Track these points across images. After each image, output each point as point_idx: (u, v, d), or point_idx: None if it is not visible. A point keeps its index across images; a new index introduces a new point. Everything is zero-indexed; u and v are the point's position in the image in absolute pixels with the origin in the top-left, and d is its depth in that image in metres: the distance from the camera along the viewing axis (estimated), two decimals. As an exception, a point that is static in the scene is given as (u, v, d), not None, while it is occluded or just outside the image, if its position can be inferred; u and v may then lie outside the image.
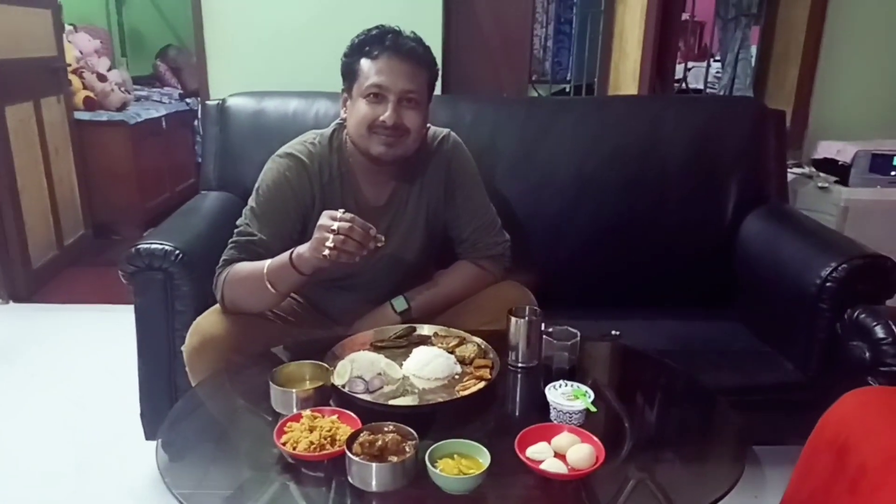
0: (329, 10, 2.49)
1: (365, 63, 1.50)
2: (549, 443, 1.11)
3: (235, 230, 1.57)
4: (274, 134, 1.91)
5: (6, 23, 3.13)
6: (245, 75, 2.52)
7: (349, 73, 1.54)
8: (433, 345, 1.44)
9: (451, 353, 1.40)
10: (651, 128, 2.21)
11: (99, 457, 2.07)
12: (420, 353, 1.38)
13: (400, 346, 1.46)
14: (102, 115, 4.07)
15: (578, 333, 1.29)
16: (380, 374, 1.32)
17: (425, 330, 1.52)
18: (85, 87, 4.13)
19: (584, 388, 1.22)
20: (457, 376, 1.35)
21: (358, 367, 1.32)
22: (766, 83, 2.92)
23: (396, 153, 1.53)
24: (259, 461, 1.14)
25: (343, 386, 1.27)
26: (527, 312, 1.41)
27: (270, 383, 1.23)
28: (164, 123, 4.53)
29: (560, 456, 1.09)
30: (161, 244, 1.73)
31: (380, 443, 1.04)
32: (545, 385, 1.24)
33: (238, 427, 1.30)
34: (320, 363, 1.31)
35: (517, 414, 1.38)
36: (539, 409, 1.23)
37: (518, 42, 2.68)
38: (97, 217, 4.04)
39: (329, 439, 1.10)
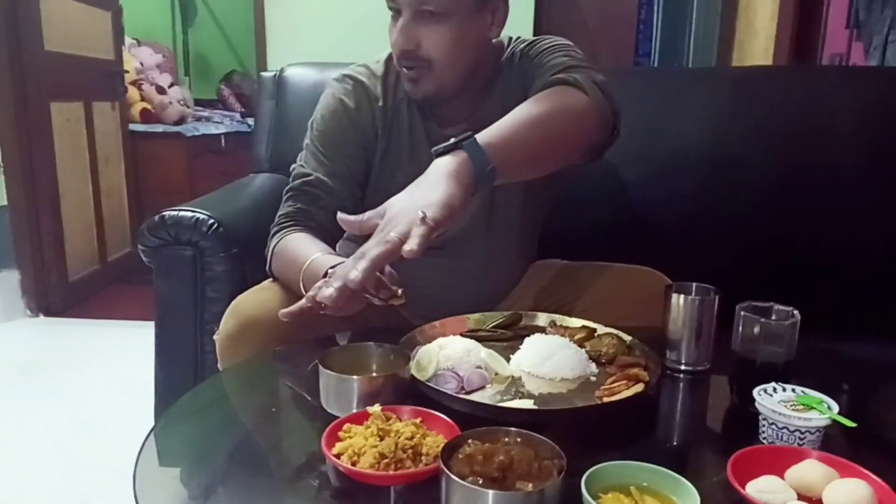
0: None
1: None
2: (783, 477, 0.65)
3: (291, 175, 1.22)
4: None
5: (60, 15, 2.93)
6: (304, 48, 2.21)
7: None
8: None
9: (581, 347, 0.96)
10: (807, 105, 1.72)
11: (103, 484, 1.68)
12: (537, 343, 0.94)
13: (503, 339, 1.02)
14: (158, 128, 3.85)
15: (797, 313, 0.83)
16: (479, 367, 0.89)
17: (538, 319, 1.08)
18: (143, 99, 3.94)
19: (816, 394, 0.76)
20: (593, 378, 0.90)
21: (448, 356, 0.89)
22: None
23: (425, 90, 1.12)
24: (296, 483, 0.72)
25: (428, 381, 0.84)
26: (695, 289, 0.96)
27: (321, 368, 0.81)
28: (223, 142, 4.29)
29: (806, 498, 0.63)
30: (192, 211, 1.37)
31: (501, 457, 0.61)
32: (738, 389, 0.79)
33: (269, 429, 0.87)
34: (395, 346, 0.89)
35: (703, 434, 0.89)
36: (738, 428, 0.77)
37: (620, 19, 2.29)
38: (146, 235, 3.77)
39: (410, 451, 0.67)
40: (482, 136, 0.91)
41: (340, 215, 0.89)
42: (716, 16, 2.48)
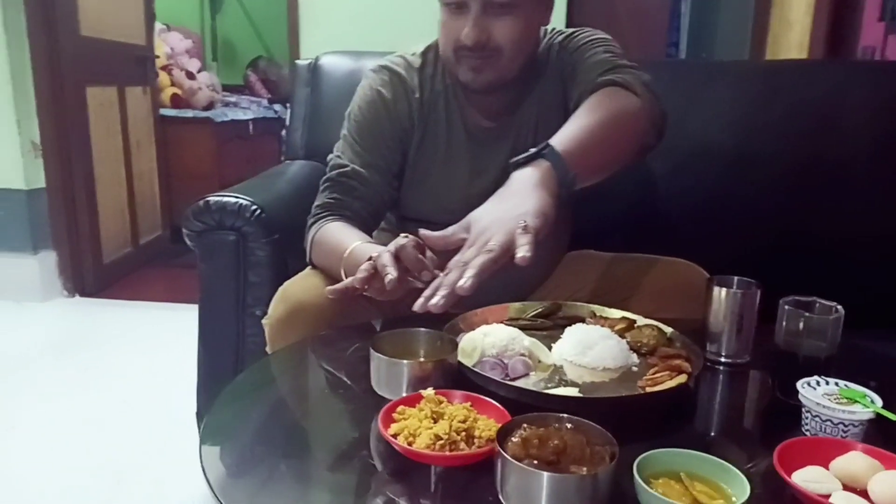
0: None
1: None
2: (828, 468, 0.67)
3: (328, 165, 1.23)
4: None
5: (94, 1, 2.97)
6: (338, 37, 2.23)
7: None
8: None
9: (621, 338, 0.98)
10: (833, 100, 1.73)
11: (143, 461, 1.73)
12: (579, 333, 0.96)
13: (543, 328, 1.04)
14: (188, 112, 3.90)
15: (840, 308, 0.84)
16: (523, 354, 0.91)
17: (577, 309, 1.10)
18: (173, 84, 3.99)
19: (858, 387, 0.77)
20: (635, 368, 0.92)
21: (493, 343, 0.92)
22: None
23: (488, 79, 1.14)
24: (349, 463, 0.75)
25: (474, 366, 0.86)
26: (736, 282, 0.98)
27: (372, 352, 0.83)
28: (250, 128, 4.34)
29: (850, 489, 0.65)
30: (236, 197, 1.40)
31: (556, 441, 0.63)
32: (780, 382, 0.80)
33: (321, 411, 0.90)
34: (442, 332, 0.91)
35: (746, 425, 0.90)
36: (781, 421, 0.78)
37: (651, 11, 2.28)
38: (176, 219, 3.82)
39: (464, 434, 0.70)
40: (558, 145, 0.94)
41: (423, 232, 0.91)
42: (749, 8, 2.46)
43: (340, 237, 1.12)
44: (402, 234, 0.93)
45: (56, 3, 2.75)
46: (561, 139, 0.96)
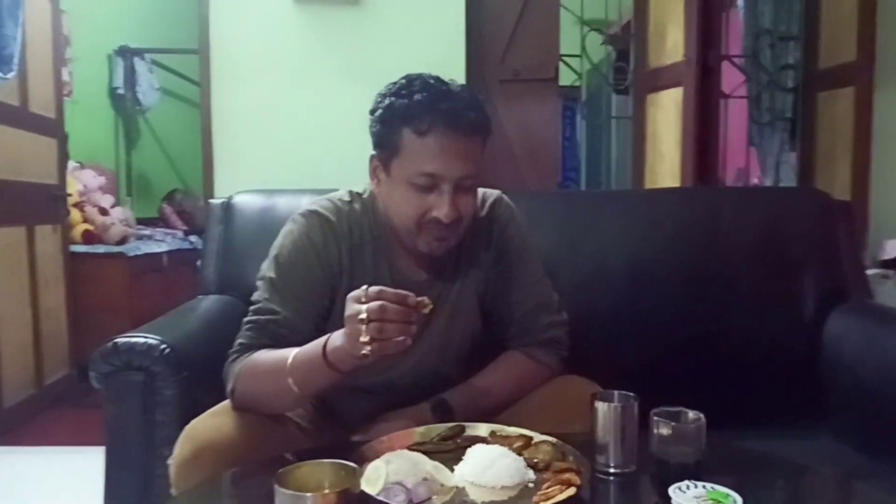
0: (338, 103, 2.39)
1: (410, 138, 1.17)
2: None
3: (251, 307, 1.27)
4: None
5: (7, 144, 3.01)
6: (252, 175, 2.34)
7: (386, 143, 1.22)
8: (492, 446, 1.07)
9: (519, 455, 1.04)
10: (708, 221, 1.95)
11: None
12: (478, 453, 1.02)
13: (447, 450, 1.10)
14: (100, 248, 3.87)
15: (702, 416, 0.94)
16: (426, 479, 0.96)
17: (479, 430, 1.16)
18: (85, 221, 3.97)
19: (723, 489, 0.86)
20: (531, 484, 0.98)
21: (396, 470, 0.96)
22: (814, 185, 2.73)
23: (450, 245, 1.26)
24: None
25: (378, 494, 0.90)
26: (616, 397, 1.07)
27: (276, 487, 0.86)
28: (164, 260, 4.32)
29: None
30: (144, 337, 1.42)
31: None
32: (657, 487, 0.88)
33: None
34: (345, 462, 0.95)
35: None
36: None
37: (545, 146, 2.53)
38: (84, 357, 3.68)
39: (364, 563, 0.73)
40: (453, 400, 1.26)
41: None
42: (628, 142, 2.76)
43: (276, 354, 1.15)
44: (364, 286, 1.02)
45: (-35, 148, 2.76)
46: (462, 397, 1.27)
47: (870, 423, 1.61)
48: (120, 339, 1.42)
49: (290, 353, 1.12)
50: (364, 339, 0.98)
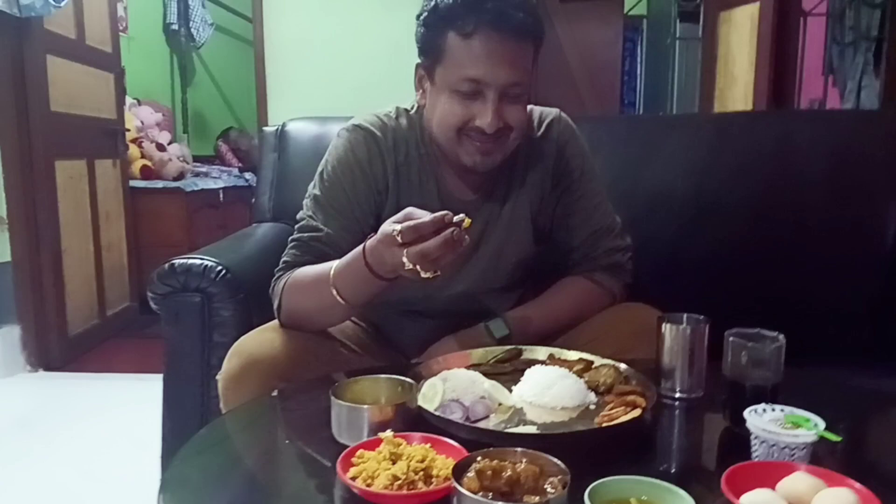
0: (387, 29, 2.32)
1: (454, 41, 1.11)
2: (774, 489, 0.69)
3: (296, 225, 1.24)
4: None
5: (65, 78, 3.04)
6: (304, 105, 2.31)
7: (430, 49, 1.16)
8: (551, 368, 1.03)
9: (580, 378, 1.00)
10: (780, 146, 1.82)
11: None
12: (538, 374, 0.98)
13: (505, 372, 1.06)
14: (158, 184, 3.92)
15: (782, 337, 0.87)
16: (483, 397, 0.93)
17: (538, 353, 1.12)
18: (143, 157, 4.02)
19: (803, 412, 0.80)
20: (592, 406, 0.94)
21: (453, 387, 0.93)
22: (899, 113, 2.54)
23: (495, 161, 1.18)
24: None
25: (435, 410, 0.88)
26: (685, 319, 1.01)
27: (333, 399, 0.85)
28: (221, 196, 4.37)
29: (797, 509, 0.67)
30: (201, 259, 1.42)
31: (509, 473, 0.64)
32: (729, 412, 0.83)
33: (282, 462, 0.90)
34: (402, 378, 0.93)
35: (698, 454, 0.93)
36: (731, 448, 0.81)
37: (605, 70, 2.41)
38: (145, 290, 3.78)
39: (422, 473, 0.71)
40: (516, 327, 1.23)
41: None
42: (696, 65, 2.60)
43: (319, 268, 1.13)
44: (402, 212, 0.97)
45: (26, 79, 2.80)
46: (521, 319, 1.23)
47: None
48: (177, 261, 1.42)
49: (333, 264, 1.09)
50: (406, 269, 0.94)
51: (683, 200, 1.78)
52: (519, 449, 0.70)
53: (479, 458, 0.67)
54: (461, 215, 0.93)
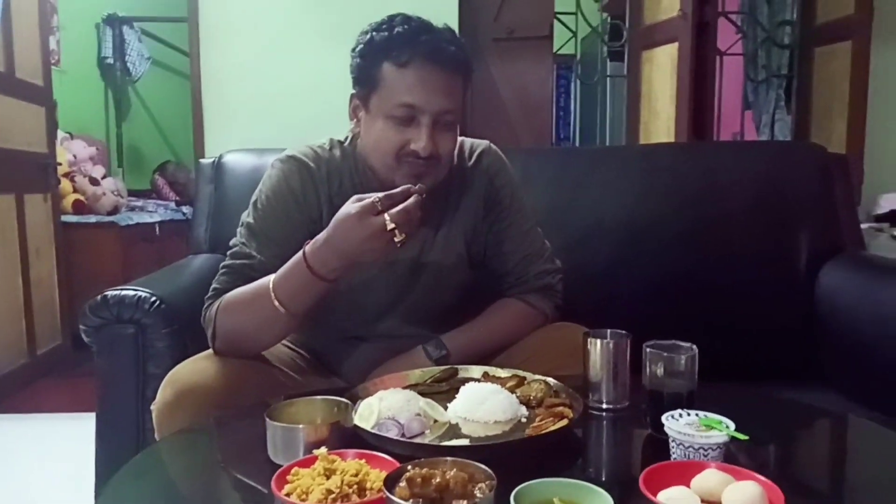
0: (326, 63, 2.36)
1: (390, 70, 1.16)
2: (689, 486, 0.74)
3: (228, 252, 1.25)
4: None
5: (-5, 110, 2.97)
6: (241, 137, 2.32)
7: (366, 78, 1.21)
8: (485, 386, 1.07)
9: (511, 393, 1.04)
10: (704, 175, 1.94)
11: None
12: (472, 390, 1.02)
13: (441, 392, 1.09)
14: (91, 218, 3.84)
15: (694, 347, 0.93)
16: (418, 414, 0.95)
17: (472, 372, 1.15)
18: (76, 191, 3.93)
19: (715, 416, 0.86)
20: (524, 419, 0.98)
21: (389, 406, 0.96)
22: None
23: (427, 184, 1.21)
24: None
25: (371, 429, 0.90)
26: (609, 334, 1.06)
27: (268, 420, 0.86)
28: (157, 230, 4.30)
29: (708, 503, 0.71)
30: (135, 290, 1.41)
31: (438, 479, 0.67)
32: (650, 419, 0.88)
33: (217, 485, 0.90)
34: (337, 398, 0.95)
35: (621, 459, 0.98)
36: (653, 452, 0.85)
37: (538, 106, 2.51)
38: (77, 327, 3.65)
39: (356, 487, 0.72)
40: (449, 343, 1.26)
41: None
42: (623, 101, 2.73)
43: (254, 285, 1.15)
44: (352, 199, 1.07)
45: (-49, 113, 2.72)
46: (458, 340, 1.27)
47: (865, 374, 1.62)
48: (110, 292, 1.41)
49: (270, 278, 1.12)
50: (390, 227, 1.03)
51: (614, 229, 1.85)
52: (449, 459, 0.72)
53: (409, 468, 0.70)
54: (419, 185, 1.08)
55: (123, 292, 1.40)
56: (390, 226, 1.02)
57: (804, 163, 1.97)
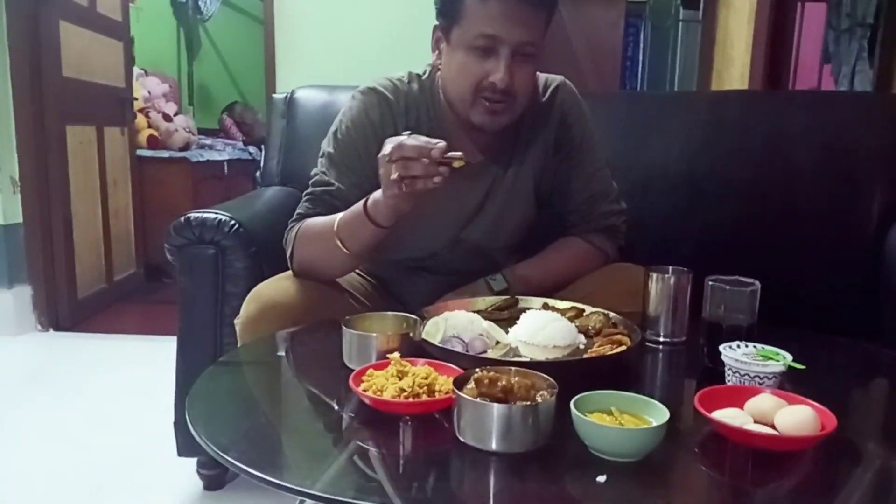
0: (397, 2, 2.38)
1: (472, 2, 1.18)
2: (742, 409, 0.77)
3: (310, 180, 1.32)
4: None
5: (76, 44, 3.09)
6: (312, 74, 2.37)
7: (448, 9, 1.22)
8: (545, 315, 1.11)
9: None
10: (773, 126, 1.90)
11: (121, 477, 1.76)
12: (532, 317, 1.06)
13: (501, 318, 1.14)
14: (164, 153, 3.99)
15: (757, 282, 0.95)
16: (481, 335, 1.01)
17: (532, 303, 1.20)
18: (150, 126, 4.08)
19: (773, 348, 0.88)
20: (582, 346, 1.02)
21: (454, 325, 1.01)
22: (891, 97, 2.60)
23: (503, 122, 1.25)
24: (324, 422, 0.83)
25: (438, 344, 0.95)
26: (671, 270, 1.09)
27: (344, 328, 0.93)
28: (225, 168, 4.44)
29: (761, 423, 0.75)
30: (215, 213, 1.50)
31: (503, 382, 0.72)
32: (707, 351, 0.91)
33: (296, 384, 0.99)
34: (407, 314, 1.01)
35: (677, 385, 1.02)
36: (708, 382, 0.88)
37: (608, 53, 2.47)
38: (150, 258, 3.87)
39: (425, 388, 0.79)
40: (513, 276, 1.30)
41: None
42: (696, 47, 2.66)
43: (326, 218, 1.22)
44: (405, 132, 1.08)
45: (40, 44, 2.85)
46: (519, 275, 1.31)
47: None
48: (192, 214, 1.49)
49: (339, 216, 1.18)
50: (393, 177, 1.03)
51: (679, 176, 1.84)
52: (513, 368, 0.77)
53: (477, 371, 0.75)
54: (459, 153, 1.02)
55: (205, 215, 1.49)
56: (394, 175, 1.03)
57: (881, 116, 1.90)
